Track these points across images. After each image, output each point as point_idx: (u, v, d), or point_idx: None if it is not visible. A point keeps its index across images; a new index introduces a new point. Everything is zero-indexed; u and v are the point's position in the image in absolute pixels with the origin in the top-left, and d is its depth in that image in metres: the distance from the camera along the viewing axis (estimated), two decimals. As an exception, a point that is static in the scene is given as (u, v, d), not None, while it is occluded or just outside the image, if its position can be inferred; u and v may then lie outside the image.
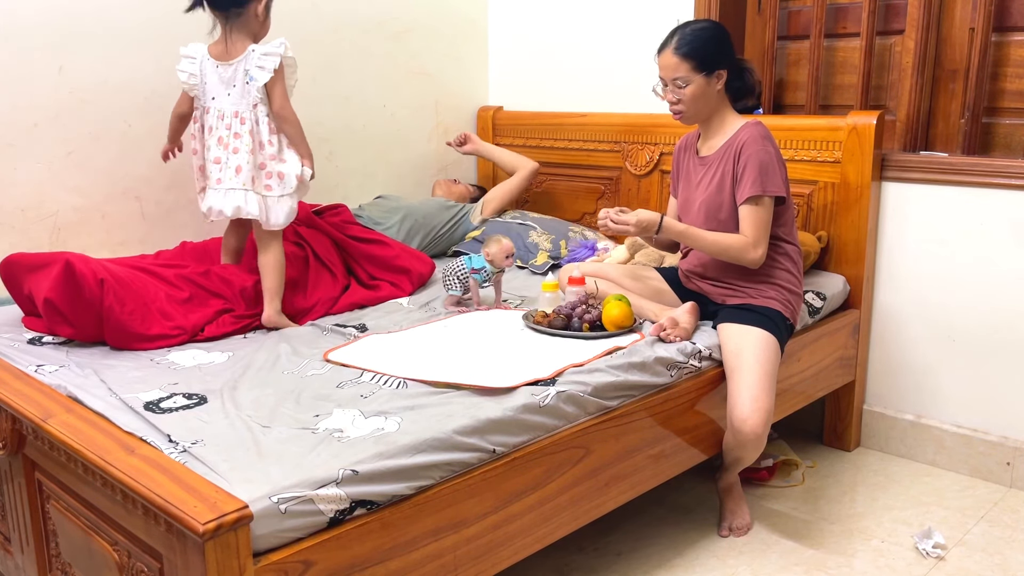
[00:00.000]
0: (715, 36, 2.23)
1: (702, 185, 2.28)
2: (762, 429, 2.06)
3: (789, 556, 2.19)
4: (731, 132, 2.26)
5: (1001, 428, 2.56)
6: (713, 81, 2.22)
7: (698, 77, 2.20)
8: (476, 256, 2.42)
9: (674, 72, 2.21)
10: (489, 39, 3.62)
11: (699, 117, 2.28)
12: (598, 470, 1.91)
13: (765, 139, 2.20)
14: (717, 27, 2.27)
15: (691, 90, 2.21)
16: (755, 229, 2.16)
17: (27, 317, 2.23)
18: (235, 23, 2.27)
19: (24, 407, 1.65)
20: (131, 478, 1.38)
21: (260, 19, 2.30)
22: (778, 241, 2.27)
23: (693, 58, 2.19)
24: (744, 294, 2.26)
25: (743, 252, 2.17)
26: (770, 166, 2.16)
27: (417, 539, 1.56)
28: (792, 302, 2.27)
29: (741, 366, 2.11)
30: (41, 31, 2.45)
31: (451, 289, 2.42)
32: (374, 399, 1.75)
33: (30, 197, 2.50)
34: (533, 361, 1.96)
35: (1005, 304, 2.50)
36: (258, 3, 2.27)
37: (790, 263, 2.28)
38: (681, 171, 2.40)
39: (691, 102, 2.23)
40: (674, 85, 2.23)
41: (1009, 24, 2.62)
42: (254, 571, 1.33)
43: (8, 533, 1.89)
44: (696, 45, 2.19)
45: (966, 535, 2.29)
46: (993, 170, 2.47)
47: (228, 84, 2.27)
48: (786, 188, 2.21)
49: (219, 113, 2.28)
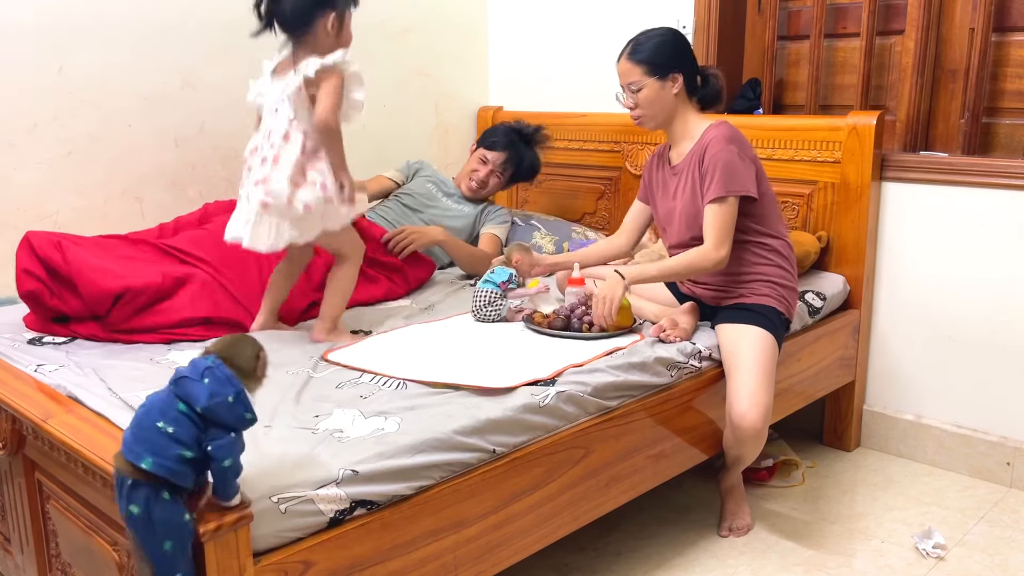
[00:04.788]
0: (668, 41, 2.26)
1: (678, 195, 2.29)
2: (761, 424, 2.06)
3: (789, 556, 2.19)
4: (697, 136, 2.26)
5: (1001, 428, 2.56)
6: (668, 84, 2.24)
7: (651, 80, 2.23)
8: (491, 276, 2.33)
9: (628, 77, 2.25)
10: (489, 39, 3.62)
11: (657, 121, 2.29)
12: (598, 470, 1.91)
13: (728, 140, 2.18)
14: (671, 32, 2.29)
15: (645, 94, 2.24)
16: (716, 230, 2.16)
17: (28, 316, 2.23)
18: (303, 41, 2.07)
19: (24, 407, 1.65)
20: (131, 478, 1.37)
21: (332, 34, 2.07)
22: (762, 238, 2.25)
23: (645, 62, 2.23)
24: (737, 295, 2.26)
25: (704, 259, 2.16)
26: (732, 166, 2.15)
27: (417, 539, 1.56)
28: (786, 297, 2.26)
29: (738, 364, 2.11)
30: (41, 31, 2.45)
31: (487, 319, 2.30)
32: (374, 399, 1.75)
33: (30, 197, 2.50)
34: (533, 361, 1.96)
35: (1005, 304, 2.50)
36: (326, 18, 2.04)
37: (779, 258, 2.27)
38: (655, 183, 2.40)
39: (647, 106, 2.26)
40: (629, 90, 2.26)
41: (1009, 24, 2.62)
42: (254, 571, 1.33)
43: (8, 533, 1.89)
44: (648, 49, 2.24)
45: (966, 535, 2.29)
46: (993, 170, 2.47)
47: (279, 100, 2.06)
48: (755, 185, 2.19)
49: (267, 133, 2.08)
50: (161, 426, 1.24)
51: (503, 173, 3.01)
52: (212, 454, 1.25)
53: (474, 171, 3.00)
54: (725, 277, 2.27)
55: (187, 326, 2.17)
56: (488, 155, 3.00)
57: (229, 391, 1.27)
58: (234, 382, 1.29)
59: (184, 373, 1.28)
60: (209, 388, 1.26)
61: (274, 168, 2.03)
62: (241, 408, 1.28)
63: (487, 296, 2.29)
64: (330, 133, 2.04)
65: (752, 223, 2.23)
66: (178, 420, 1.25)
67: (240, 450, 1.29)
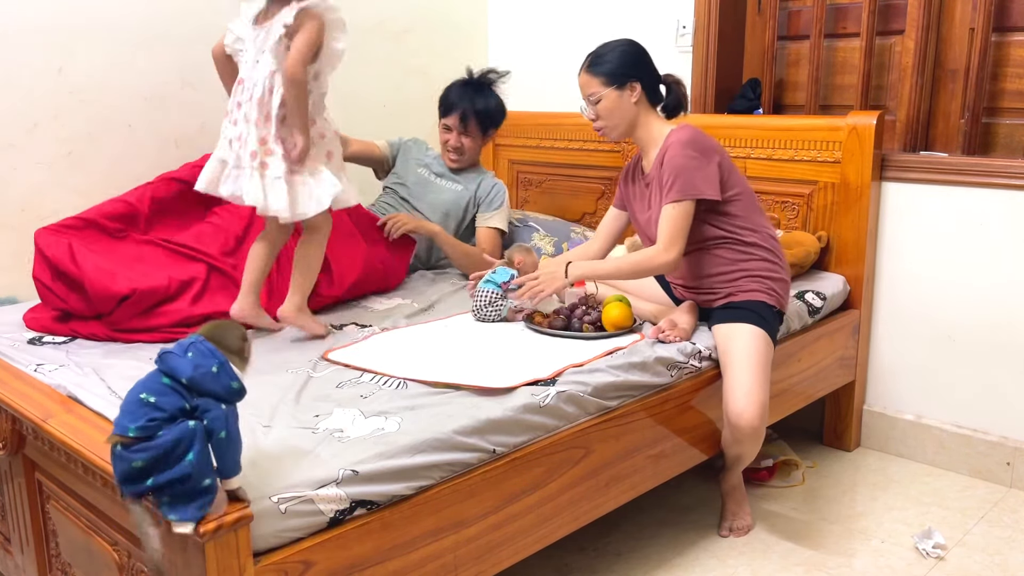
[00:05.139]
0: (624, 50, 2.27)
1: (652, 204, 2.29)
2: (759, 422, 2.06)
3: (789, 556, 2.19)
4: (661, 143, 2.26)
5: (1001, 428, 2.56)
6: (626, 94, 2.25)
7: (609, 91, 2.24)
8: (492, 276, 2.32)
9: (587, 89, 2.28)
10: (489, 39, 3.62)
11: (619, 131, 2.30)
12: (598, 470, 1.91)
13: (684, 144, 2.18)
14: (628, 43, 2.30)
15: (603, 104, 2.26)
16: (667, 231, 2.16)
17: (28, 315, 2.24)
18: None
19: (24, 407, 1.65)
20: (131, 478, 1.37)
21: None
22: (743, 234, 2.24)
23: (603, 73, 2.25)
24: (726, 294, 2.25)
25: (653, 259, 2.17)
26: (686, 170, 2.15)
27: (417, 539, 1.56)
28: (775, 288, 2.25)
29: (732, 363, 2.11)
30: (41, 31, 2.45)
31: (487, 319, 2.30)
32: (374, 399, 1.75)
33: (30, 197, 2.50)
34: (533, 361, 1.96)
35: (1005, 304, 2.50)
36: None
37: (762, 251, 2.26)
38: (631, 195, 2.40)
39: (607, 116, 2.27)
40: (589, 102, 2.28)
41: (1009, 24, 2.62)
42: (254, 571, 1.33)
43: (8, 533, 1.89)
44: (605, 61, 2.26)
45: (966, 535, 2.29)
46: (993, 170, 2.47)
47: (259, 51, 1.97)
48: (714, 187, 2.17)
49: (251, 82, 1.99)
50: (144, 397, 1.25)
51: (471, 131, 2.93)
52: (208, 427, 1.26)
53: (445, 142, 2.96)
54: (712, 279, 2.27)
55: (188, 325, 2.17)
56: (448, 121, 2.94)
57: (212, 362, 1.28)
58: (217, 354, 1.29)
59: (168, 350, 1.30)
60: (193, 361, 1.27)
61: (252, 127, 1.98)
62: (226, 377, 1.29)
63: (488, 296, 2.29)
64: (296, 86, 1.94)
65: (730, 221, 2.23)
66: (161, 391, 1.26)
67: (234, 421, 1.30)
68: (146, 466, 1.24)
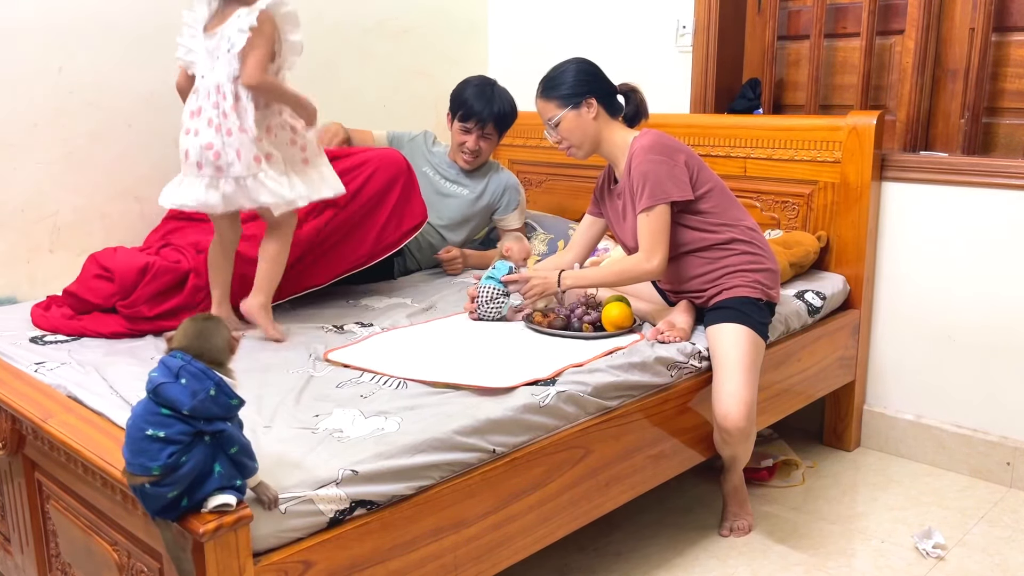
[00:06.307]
0: (573, 69, 2.28)
1: (627, 214, 2.29)
2: (745, 422, 2.06)
3: (789, 556, 2.19)
4: (628, 152, 2.26)
5: (1001, 428, 2.56)
6: (583, 111, 2.25)
7: (566, 111, 2.25)
8: (492, 272, 2.32)
9: (546, 114, 2.29)
10: (489, 39, 3.62)
11: (585, 149, 2.30)
12: (598, 470, 1.91)
13: (647, 150, 2.19)
14: (577, 60, 2.31)
15: (564, 125, 2.27)
16: (646, 239, 2.17)
17: (35, 310, 2.25)
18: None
19: (24, 407, 1.65)
20: (131, 478, 1.37)
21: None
22: (721, 231, 2.23)
23: (556, 96, 2.26)
24: (714, 294, 2.24)
25: (636, 268, 2.19)
26: (653, 175, 2.16)
27: (417, 539, 1.56)
28: (760, 280, 2.23)
29: (718, 365, 2.12)
30: (41, 31, 2.45)
31: (489, 317, 2.30)
32: (374, 399, 1.75)
33: (30, 197, 2.50)
34: (533, 361, 1.96)
35: (1005, 304, 2.50)
36: None
37: (742, 244, 2.24)
38: (607, 208, 2.39)
39: (569, 135, 2.28)
40: (549, 126, 2.29)
41: (1009, 24, 2.62)
42: (254, 571, 1.33)
43: (8, 533, 1.89)
44: (556, 82, 2.27)
45: (966, 535, 2.29)
46: (993, 170, 2.47)
47: (212, 56, 2.01)
48: (683, 188, 2.17)
49: (207, 91, 2.02)
50: (152, 433, 1.25)
51: (490, 134, 2.95)
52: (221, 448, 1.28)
53: (462, 144, 2.96)
54: (695, 281, 2.27)
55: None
56: (468, 124, 2.93)
57: (208, 385, 1.27)
58: (210, 374, 1.29)
59: (160, 380, 1.27)
60: (188, 388, 1.26)
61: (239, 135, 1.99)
62: (225, 397, 1.29)
63: (490, 292, 2.29)
64: (265, 87, 1.99)
65: (704, 220, 2.23)
66: (166, 423, 1.25)
67: (240, 430, 1.32)
68: (180, 494, 1.26)
